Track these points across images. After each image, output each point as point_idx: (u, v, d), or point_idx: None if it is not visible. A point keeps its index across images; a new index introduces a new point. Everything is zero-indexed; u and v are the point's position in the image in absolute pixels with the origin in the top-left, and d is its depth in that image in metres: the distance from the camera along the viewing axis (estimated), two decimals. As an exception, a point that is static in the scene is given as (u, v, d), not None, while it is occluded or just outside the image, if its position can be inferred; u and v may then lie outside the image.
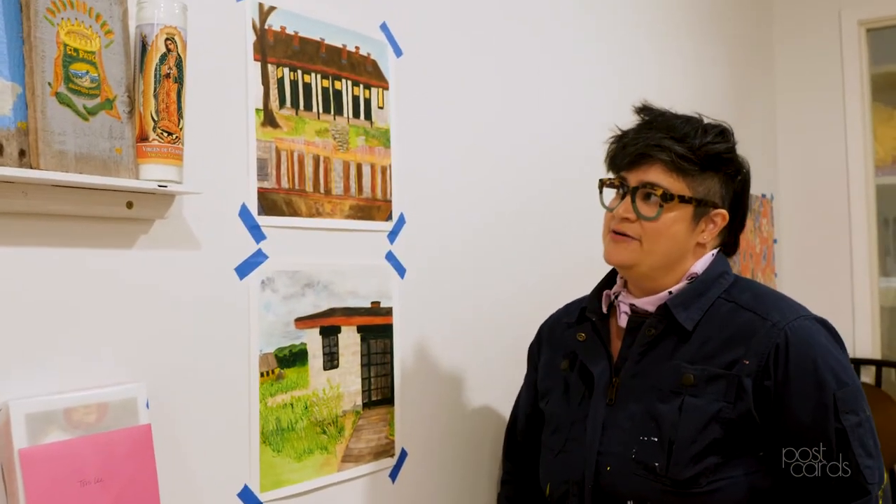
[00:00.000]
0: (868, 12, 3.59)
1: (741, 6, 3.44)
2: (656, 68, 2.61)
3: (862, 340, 3.55)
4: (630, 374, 1.32)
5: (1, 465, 0.98)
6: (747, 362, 1.25)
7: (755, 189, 3.34)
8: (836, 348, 1.29)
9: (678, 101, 2.69)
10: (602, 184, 1.38)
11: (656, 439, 1.26)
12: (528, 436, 1.57)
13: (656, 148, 1.30)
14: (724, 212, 1.34)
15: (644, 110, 1.38)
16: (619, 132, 1.38)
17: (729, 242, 1.40)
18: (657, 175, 1.30)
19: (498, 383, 1.81)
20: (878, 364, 3.45)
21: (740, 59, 3.38)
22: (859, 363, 3.49)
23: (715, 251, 1.38)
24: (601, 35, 2.29)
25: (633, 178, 1.32)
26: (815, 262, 3.68)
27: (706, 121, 1.35)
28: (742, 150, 1.38)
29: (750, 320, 1.28)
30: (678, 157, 1.29)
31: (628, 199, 1.31)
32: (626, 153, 1.33)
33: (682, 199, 1.29)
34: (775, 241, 3.65)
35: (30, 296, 1.02)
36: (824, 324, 1.31)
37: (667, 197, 1.28)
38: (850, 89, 3.60)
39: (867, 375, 3.50)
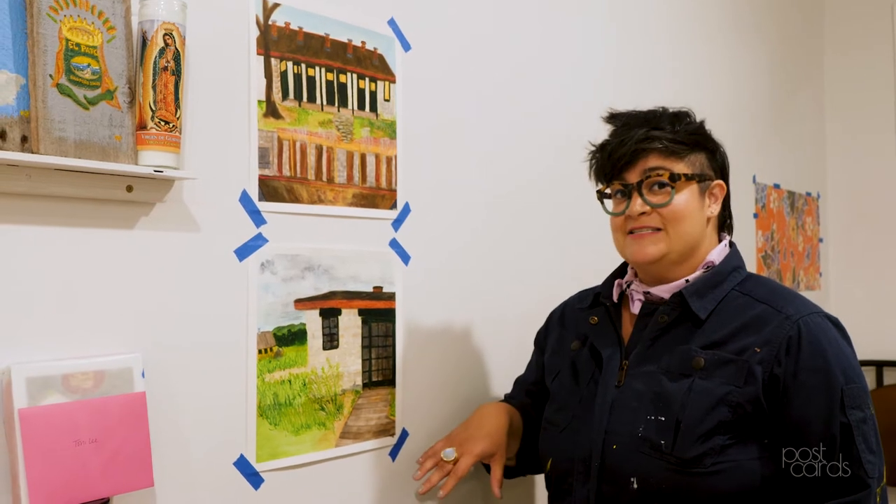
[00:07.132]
0: (922, 6, 3.50)
1: (789, 3, 3.39)
2: (689, 63, 2.61)
3: (910, 342, 3.47)
4: (640, 358, 1.36)
5: (3, 423, 1.08)
6: (758, 350, 1.28)
7: (800, 187, 3.32)
8: (847, 347, 1.32)
9: (718, 97, 2.71)
10: (602, 196, 1.42)
11: (663, 418, 1.29)
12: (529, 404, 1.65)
13: (647, 140, 1.35)
14: (721, 182, 1.41)
15: (614, 117, 1.43)
16: (592, 147, 1.43)
17: (725, 217, 1.46)
18: (656, 161, 1.35)
19: (501, 370, 1.85)
20: (927, 367, 3.37)
21: (787, 55, 3.33)
22: (906, 365, 3.41)
23: (727, 241, 1.42)
24: (621, 27, 2.31)
25: (633, 175, 1.36)
26: (862, 261, 3.61)
27: (670, 109, 1.41)
28: (789, 148, 1.43)
29: (764, 312, 1.31)
30: (670, 141, 1.35)
31: (636, 195, 1.35)
32: (617, 157, 1.37)
33: (687, 177, 1.35)
34: (821, 240, 3.59)
35: (35, 270, 1.11)
36: (836, 323, 1.34)
37: (674, 177, 1.34)
38: (901, 86, 3.52)
39: (915, 378, 3.42)
